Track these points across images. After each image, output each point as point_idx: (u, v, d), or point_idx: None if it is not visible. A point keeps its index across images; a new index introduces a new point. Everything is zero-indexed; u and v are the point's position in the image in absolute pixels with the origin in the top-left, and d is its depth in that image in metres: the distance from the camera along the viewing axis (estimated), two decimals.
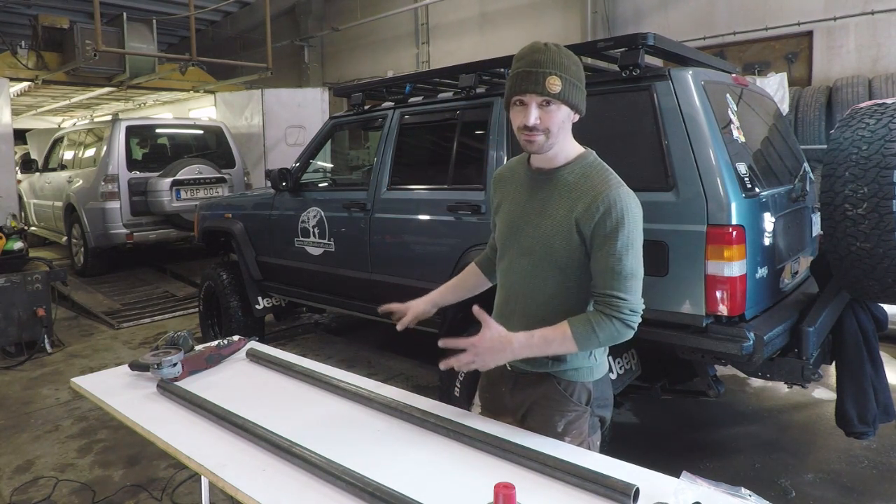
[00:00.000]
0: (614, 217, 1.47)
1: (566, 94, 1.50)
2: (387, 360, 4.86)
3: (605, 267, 1.49)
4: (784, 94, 6.70)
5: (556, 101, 1.50)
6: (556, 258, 1.56)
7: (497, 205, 1.75)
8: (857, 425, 2.70)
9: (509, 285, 1.68)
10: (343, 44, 13.09)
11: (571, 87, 1.51)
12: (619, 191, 1.50)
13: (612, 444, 2.71)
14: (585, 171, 1.57)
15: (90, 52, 7.70)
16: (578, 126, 1.62)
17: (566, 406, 1.62)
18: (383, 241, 3.72)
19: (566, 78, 1.49)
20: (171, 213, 7.50)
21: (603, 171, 1.57)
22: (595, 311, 1.52)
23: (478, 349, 1.52)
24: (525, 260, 1.62)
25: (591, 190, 1.51)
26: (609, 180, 1.53)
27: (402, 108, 3.81)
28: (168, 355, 2.07)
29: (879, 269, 2.39)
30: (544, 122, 1.51)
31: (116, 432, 3.59)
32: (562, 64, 1.49)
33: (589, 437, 1.66)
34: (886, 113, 2.43)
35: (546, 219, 1.57)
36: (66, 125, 12.43)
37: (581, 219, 1.51)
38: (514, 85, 1.52)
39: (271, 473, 1.47)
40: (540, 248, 1.58)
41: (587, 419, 1.65)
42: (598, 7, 8.89)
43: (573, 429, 1.63)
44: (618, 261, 1.48)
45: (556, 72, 1.48)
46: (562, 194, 1.56)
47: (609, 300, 1.49)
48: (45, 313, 5.12)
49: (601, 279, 1.51)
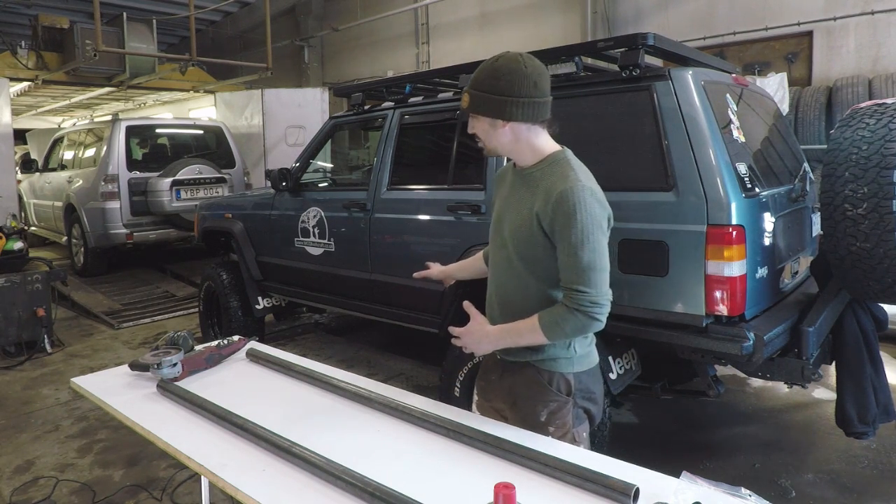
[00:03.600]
0: (566, 211, 1.54)
1: (477, 107, 1.64)
2: (387, 360, 4.86)
3: (564, 260, 1.58)
4: (784, 94, 6.70)
5: (473, 115, 1.68)
6: (521, 250, 1.67)
7: (493, 202, 1.89)
8: (857, 425, 2.70)
9: (492, 277, 1.82)
10: (343, 44, 13.09)
11: (480, 100, 1.63)
12: (575, 185, 1.55)
13: (612, 444, 2.72)
14: (549, 167, 1.66)
15: (90, 52, 7.70)
16: (579, 126, 1.62)
17: (547, 395, 1.70)
18: (383, 241, 3.72)
19: (473, 93, 1.64)
20: (171, 213, 7.49)
21: (564, 167, 1.63)
22: (560, 304, 1.60)
23: (464, 339, 1.73)
24: (502, 253, 1.75)
25: (549, 185, 1.61)
26: (567, 175, 1.59)
27: (402, 108, 3.81)
28: (168, 355, 2.07)
29: (879, 269, 2.39)
30: (476, 131, 1.70)
31: (116, 432, 3.59)
32: (475, 79, 1.65)
33: (574, 428, 1.71)
34: (886, 113, 2.43)
35: (515, 214, 1.70)
36: (66, 125, 12.42)
37: (540, 213, 1.60)
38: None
39: (271, 473, 1.47)
40: (511, 242, 1.70)
41: (570, 410, 1.71)
42: (598, 7, 8.90)
43: (556, 419, 1.70)
44: (573, 254, 1.54)
45: (468, 89, 1.65)
46: (530, 191, 1.67)
47: (570, 293, 1.56)
48: (45, 313, 5.11)
49: (563, 273, 1.59)
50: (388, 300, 3.77)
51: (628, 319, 2.62)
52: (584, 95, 2.87)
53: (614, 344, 2.74)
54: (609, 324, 1.57)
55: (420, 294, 3.49)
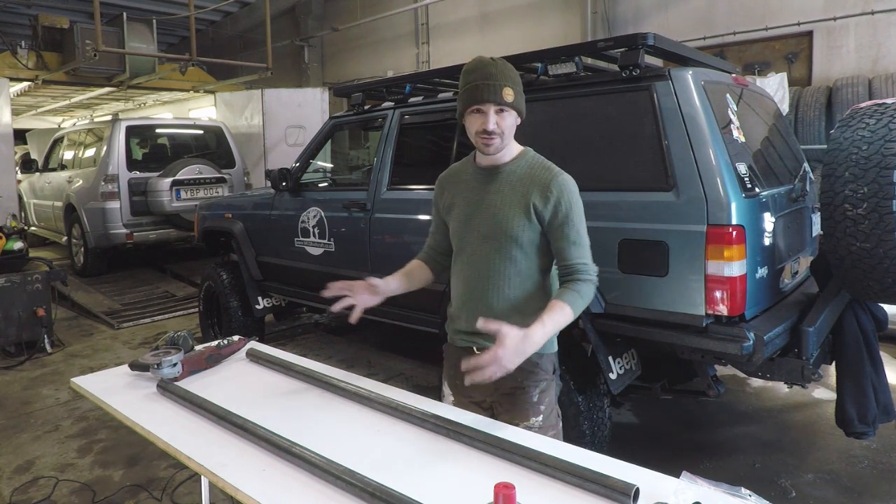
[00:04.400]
0: (566, 200, 1.76)
1: (517, 103, 1.77)
2: (387, 360, 4.86)
3: (568, 241, 1.77)
4: (784, 94, 6.70)
5: (509, 109, 1.76)
6: (515, 236, 1.79)
7: (447, 205, 1.95)
8: (857, 425, 2.70)
9: (471, 274, 1.87)
10: (343, 44, 13.09)
11: (519, 96, 1.79)
12: (564, 177, 1.79)
13: (612, 444, 2.72)
14: (530, 164, 1.84)
15: (90, 52, 7.70)
16: (579, 126, 1.63)
17: (539, 376, 1.84)
18: (383, 241, 3.72)
19: (516, 88, 1.77)
20: (171, 213, 7.49)
21: (545, 163, 1.84)
22: (571, 281, 1.76)
23: (502, 358, 1.57)
24: (487, 246, 1.82)
25: (541, 179, 1.78)
26: (553, 170, 1.81)
27: (402, 108, 3.81)
28: (168, 355, 2.07)
29: (879, 269, 2.38)
30: (500, 127, 1.76)
31: (116, 432, 3.59)
32: (511, 77, 1.76)
33: (556, 405, 1.91)
34: (886, 113, 2.43)
35: (503, 205, 1.80)
36: (66, 125, 12.42)
37: (538, 203, 1.77)
38: (472, 96, 1.75)
39: (271, 473, 1.47)
40: (501, 233, 1.80)
41: (553, 387, 1.90)
42: (598, 7, 8.90)
43: (546, 397, 1.86)
44: (577, 234, 1.77)
45: (509, 84, 1.74)
46: (514, 184, 1.81)
47: (578, 267, 1.76)
48: (45, 313, 5.11)
49: (567, 252, 1.77)
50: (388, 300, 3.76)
51: (628, 319, 2.62)
52: (584, 95, 2.86)
53: (614, 344, 2.74)
54: (609, 323, 1.58)
55: (420, 294, 3.49)
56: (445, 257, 2.04)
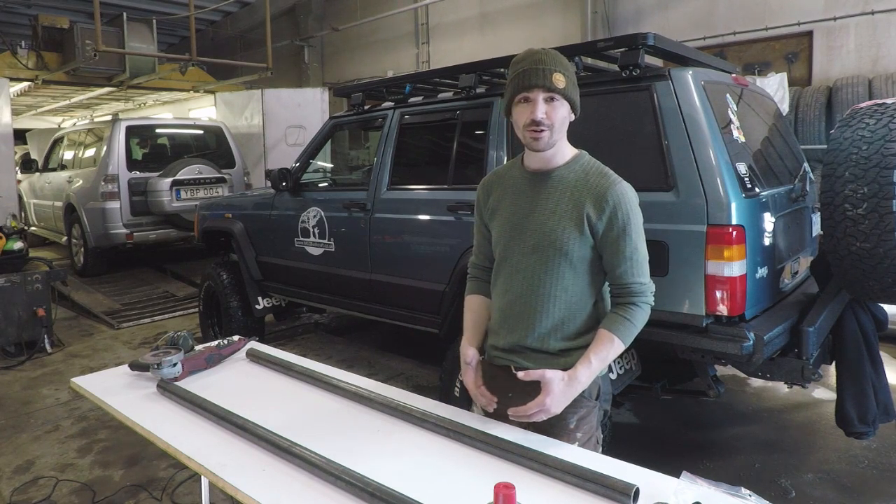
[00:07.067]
0: (624, 211, 1.58)
1: (569, 91, 1.58)
2: (387, 360, 4.86)
3: (624, 257, 1.59)
4: (784, 94, 6.70)
5: (560, 97, 1.57)
6: (566, 251, 1.61)
7: (491, 210, 1.76)
8: (857, 425, 2.70)
9: (513, 289, 1.68)
10: (343, 44, 13.09)
11: (572, 86, 1.60)
12: (622, 186, 1.60)
13: (612, 444, 2.72)
14: (585, 169, 1.65)
15: (90, 52, 7.70)
16: (579, 126, 1.63)
17: (579, 403, 1.65)
18: (383, 241, 3.72)
19: (568, 76, 1.58)
20: (171, 213, 7.49)
21: (601, 168, 1.66)
22: (622, 305, 1.61)
23: (550, 407, 1.55)
24: (533, 258, 1.65)
25: (596, 187, 1.60)
26: (610, 177, 1.63)
27: (402, 108, 3.81)
28: (168, 355, 2.07)
29: (879, 269, 2.38)
30: (550, 118, 1.57)
31: (116, 432, 3.59)
32: (562, 63, 1.58)
33: (596, 430, 1.72)
34: (886, 113, 2.43)
35: (553, 216, 1.62)
36: (66, 125, 12.43)
37: (592, 214, 1.59)
38: (519, 82, 1.57)
39: (271, 473, 1.47)
40: (549, 244, 1.62)
41: (595, 413, 1.71)
42: (598, 7, 8.89)
43: (584, 424, 1.68)
44: (635, 249, 1.59)
45: (560, 69, 1.56)
46: (565, 192, 1.62)
47: (633, 288, 1.60)
48: (45, 313, 5.11)
49: (622, 269, 1.60)
50: (388, 300, 3.77)
51: None
52: (583, 95, 2.83)
53: None
54: None
55: (420, 294, 3.50)
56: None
